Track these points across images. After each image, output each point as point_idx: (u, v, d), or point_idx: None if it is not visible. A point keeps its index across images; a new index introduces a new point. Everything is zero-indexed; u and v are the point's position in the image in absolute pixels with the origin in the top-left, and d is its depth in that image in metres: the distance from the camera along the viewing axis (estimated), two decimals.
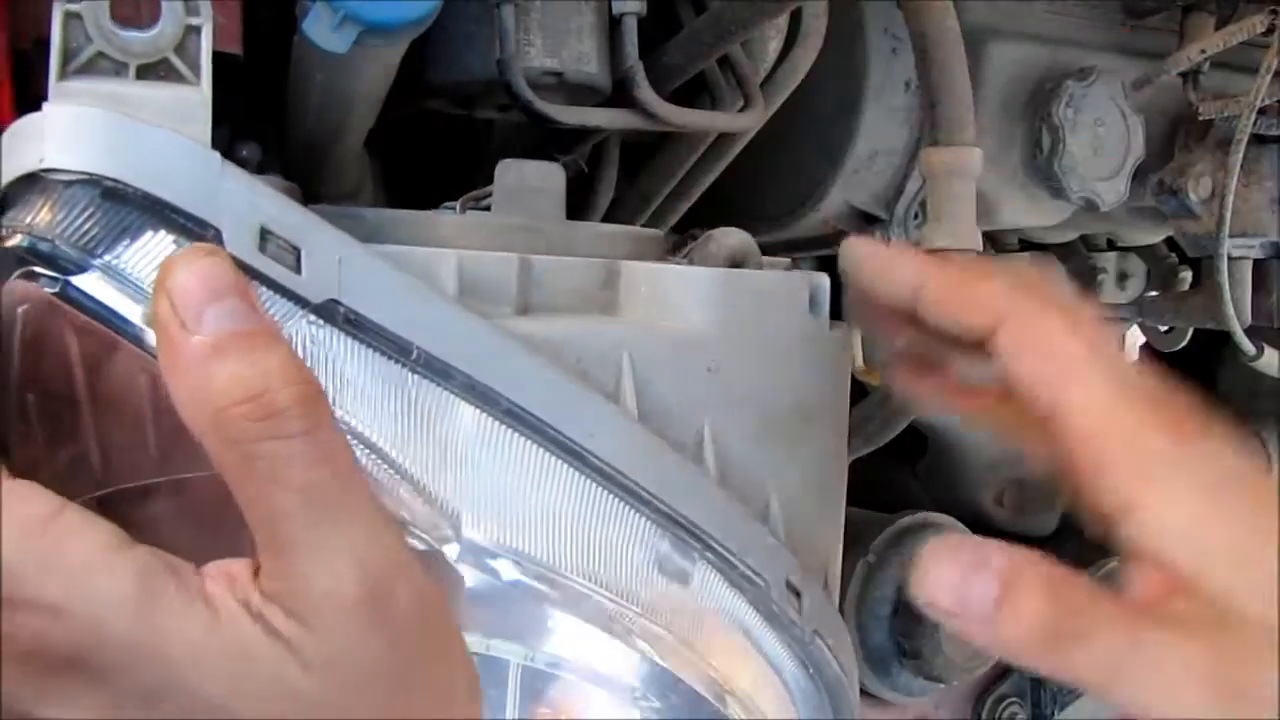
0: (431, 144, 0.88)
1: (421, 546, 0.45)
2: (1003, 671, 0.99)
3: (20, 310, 0.41)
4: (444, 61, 0.68)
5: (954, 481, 1.20)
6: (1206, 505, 0.43)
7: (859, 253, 0.53)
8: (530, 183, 0.57)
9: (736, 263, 0.55)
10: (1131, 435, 0.45)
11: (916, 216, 0.90)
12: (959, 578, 0.42)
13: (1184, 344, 1.21)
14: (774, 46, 0.77)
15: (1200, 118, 0.85)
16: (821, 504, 0.56)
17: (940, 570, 0.43)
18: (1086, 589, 0.43)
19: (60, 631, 0.35)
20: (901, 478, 1.26)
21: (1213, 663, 0.40)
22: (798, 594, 0.52)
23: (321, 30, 0.52)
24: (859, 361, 0.95)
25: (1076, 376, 0.46)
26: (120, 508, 0.43)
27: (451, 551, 0.45)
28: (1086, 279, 1.10)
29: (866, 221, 0.92)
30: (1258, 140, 0.85)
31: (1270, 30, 0.78)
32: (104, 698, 0.36)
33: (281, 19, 0.62)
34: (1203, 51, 0.81)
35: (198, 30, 0.45)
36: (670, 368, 0.49)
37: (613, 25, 0.70)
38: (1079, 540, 1.32)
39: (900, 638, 0.91)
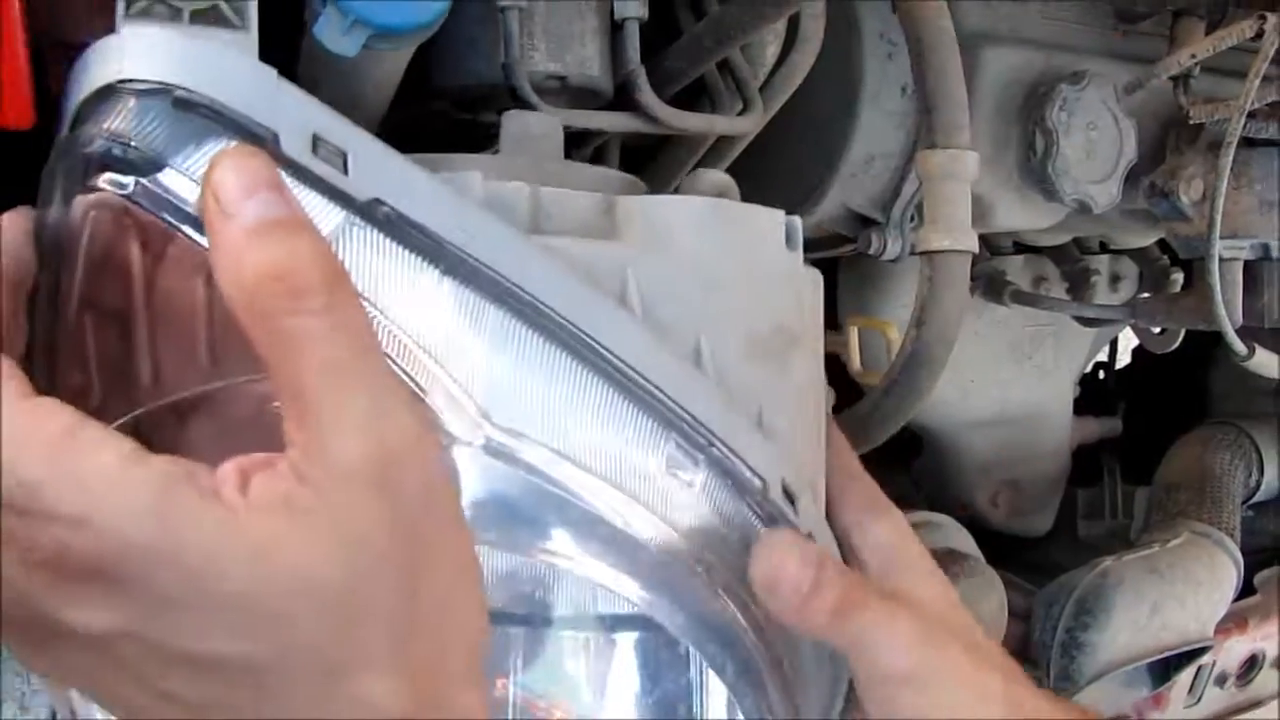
0: (430, 146, 0.89)
1: (453, 439, 0.47)
2: None
3: (91, 215, 0.44)
4: (448, 65, 0.69)
5: (949, 483, 1.21)
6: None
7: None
8: (533, 130, 0.62)
9: (721, 196, 0.59)
10: None
11: (913, 219, 0.92)
12: (795, 569, 0.54)
13: (1176, 345, 1.22)
14: (772, 51, 0.78)
15: (1191, 121, 0.86)
16: (806, 423, 0.59)
17: (785, 565, 0.54)
18: (860, 580, 0.57)
19: (81, 541, 0.37)
20: (895, 479, 1.27)
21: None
22: (792, 499, 0.55)
23: (332, 34, 0.53)
24: (856, 364, 0.96)
25: None
26: (158, 429, 0.46)
27: (478, 441, 0.47)
28: (1080, 281, 1.11)
29: (863, 224, 0.93)
30: (1247, 143, 0.86)
31: (1259, 35, 0.80)
32: (125, 604, 0.37)
33: (287, 23, 0.63)
34: (1193, 56, 0.82)
35: None
36: (668, 285, 0.53)
37: (614, 29, 0.71)
38: (1071, 540, 1.34)
39: None
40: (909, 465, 1.27)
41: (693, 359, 0.53)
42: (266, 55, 0.58)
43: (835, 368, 0.85)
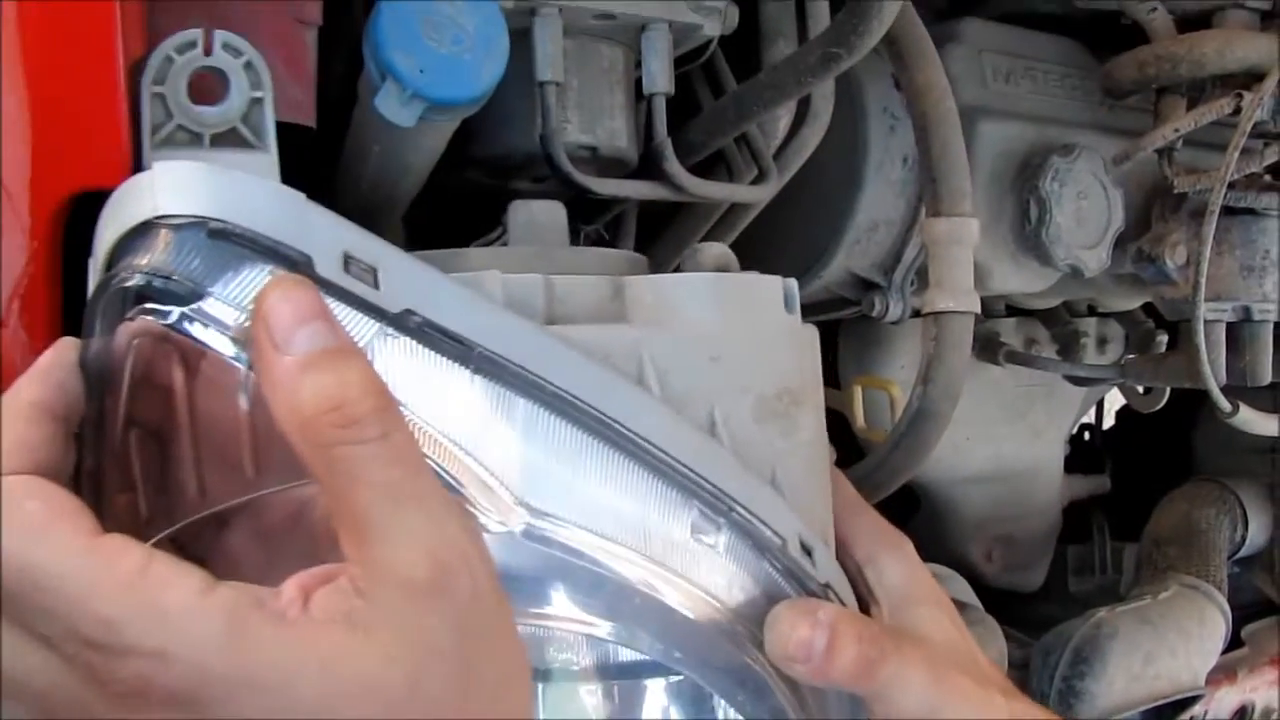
0: (454, 211, 0.93)
1: (491, 528, 0.49)
2: None
3: (134, 343, 0.46)
4: (486, 136, 0.73)
5: (945, 538, 1.24)
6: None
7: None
8: (538, 218, 0.65)
9: (721, 269, 0.62)
10: None
11: (913, 283, 0.96)
12: (803, 634, 0.55)
13: (1162, 405, 1.26)
14: (784, 124, 0.83)
15: (1175, 191, 0.91)
16: (815, 478, 0.62)
17: (797, 630, 0.56)
18: (878, 629, 0.59)
19: (165, 675, 0.38)
20: None
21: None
22: (809, 551, 0.57)
23: (391, 105, 0.57)
24: (860, 421, 1.00)
25: None
26: (198, 537, 0.47)
27: (517, 527, 0.50)
28: (1070, 342, 1.15)
29: (866, 287, 0.98)
30: (1228, 211, 0.91)
31: (1236, 111, 0.85)
32: None
33: (335, 94, 0.67)
34: (1176, 130, 0.87)
35: (261, 101, 0.51)
36: (680, 360, 0.56)
37: (639, 101, 0.76)
38: (1063, 596, 1.37)
39: None
40: (906, 523, 1.30)
41: (708, 428, 0.55)
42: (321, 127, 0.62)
43: (836, 425, 0.88)
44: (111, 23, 0.50)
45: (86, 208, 0.54)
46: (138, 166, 0.51)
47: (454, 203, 0.91)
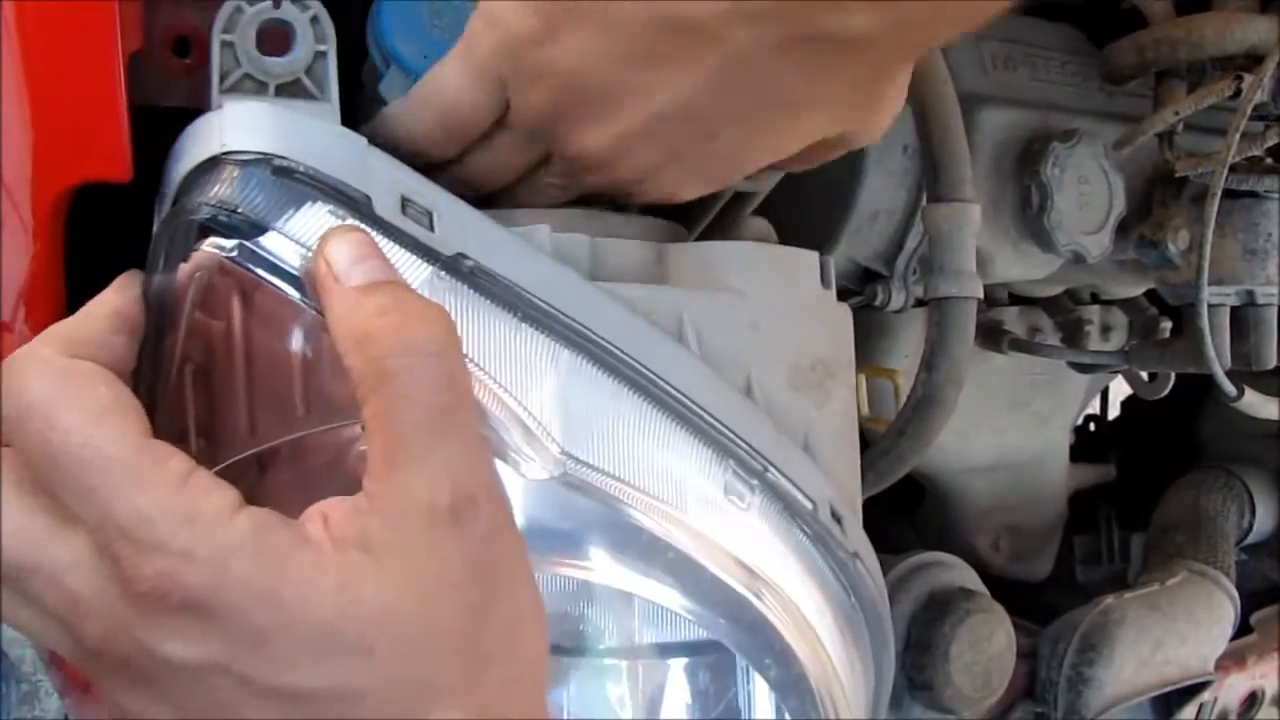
0: None
1: (532, 474, 0.50)
2: (1012, 703, 1.03)
3: (196, 276, 0.47)
4: None
5: (951, 528, 1.24)
6: None
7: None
8: None
9: (763, 239, 0.64)
10: None
11: (915, 272, 0.96)
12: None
13: (1167, 391, 1.26)
14: None
15: (1176, 175, 0.91)
16: (846, 449, 0.63)
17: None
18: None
19: (186, 573, 0.40)
20: (897, 527, 1.30)
21: None
22: (839, 519, 0.58)
23: (395, 92, 0.58)
24: (865, 409, 1.00)
25: None
26: (241, 478, 0.48)
27: (557, 473, 0.51)
28: (1073, 330, 1.15)
29: (868, 277, 0.98)
30: (1229, 195, 0.91)
31: (1236, 94, 0.85)
32: (220, 637, 0.40)
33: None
34: (1176, 114, 0.87)
35: (325, 54, 0.53)
36: (719, 323, 0.57)
37: None
38: (1070, 586, 1.37)
39: (912, 671, 0.95)
40: (911, 514, 1.30)
41: (744, 391, 0.56)
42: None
43: None
44: (111, 15, 0.50)
45: (89, 206, 0.55)
46: (137, 155, 0.52)
47: None
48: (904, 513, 1.31)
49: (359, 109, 0.66)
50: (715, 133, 0.54)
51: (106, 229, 0.56)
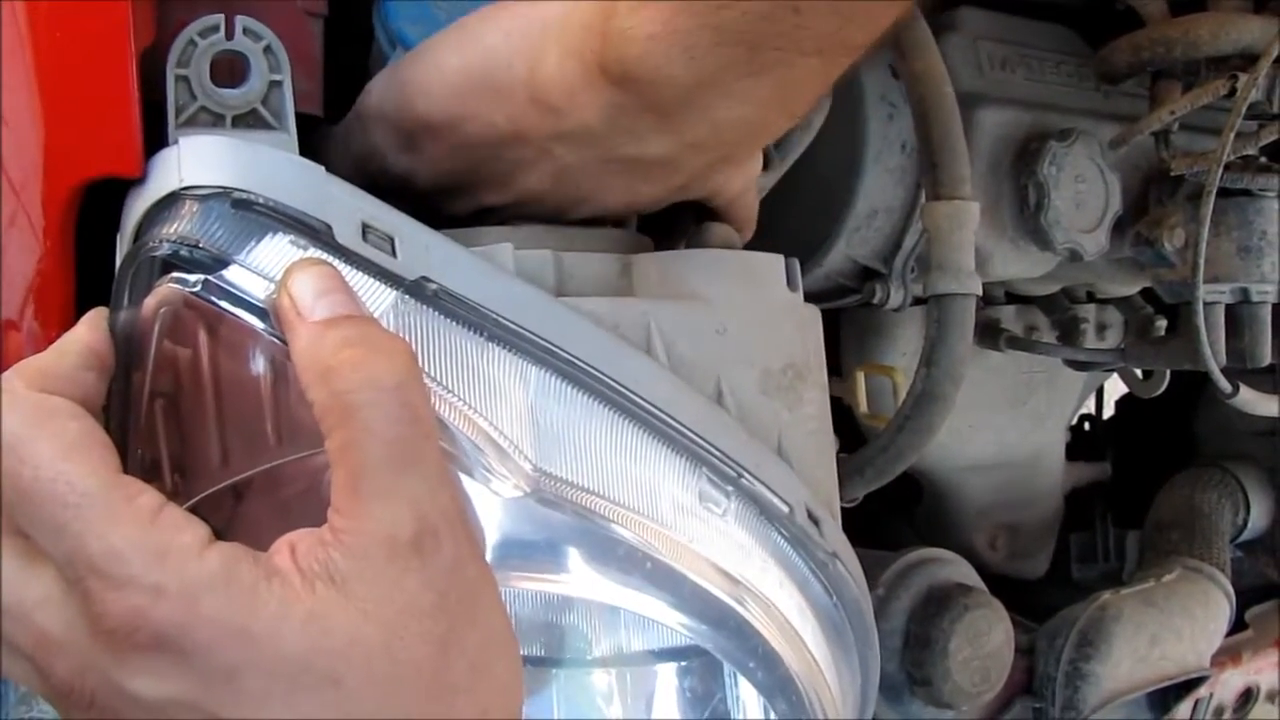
0: None
1: (506, 493, 0.50)
2: (1010, 698, 1.04)
3: (161, 311, 0.47)
4: None
5: (949, 526, 1.25)
6: None
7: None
8: None
9: (725, 247, 0.64)
10: None
11: (913, 270, 0.97)
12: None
13: (1162, 389, 1.27)
14: None
15: (1172, 174, 0.92)
16: (820, 451, 0.63)
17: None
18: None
19: (156, 610, 0.40)
20: (895, 525, 1.31)
21: None
22: (816, 521, 0.58)
23: None
24: (864, 406, 1.01)
25: None
26: (216, 509, 0.48)
27: (530, 490, 0.51)
28: (1069, 329, 1.16)
29: (867, 276, 0.98)
30: (1224, 193, 0.91)
31: (1231, 93, 0.86)
32: (188, 674, 0.40)
33: (342, 77, 0.68)
34: (1172, 113, 0.88)
35: (280, 84, 0.53)
36: (687, 332, 0.57)
37: None
38: (1066, 584, 1.38)
39: (911, 667, 0.96)
40: (909, 512, 1.31)
41: (714, 398, 0.56)
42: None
43: (840, 415, 0.89)
44: (123, 11, 0.51)
45: (98, 201, 0.55)
46: (149, 150, 0.52)
47: None
48: (902, 510, 1.32)
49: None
50: (582, 199, 0.61)
51: (116, 227, 0.56)
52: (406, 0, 0.57)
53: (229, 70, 0.53)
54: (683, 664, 0.63)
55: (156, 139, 0.52)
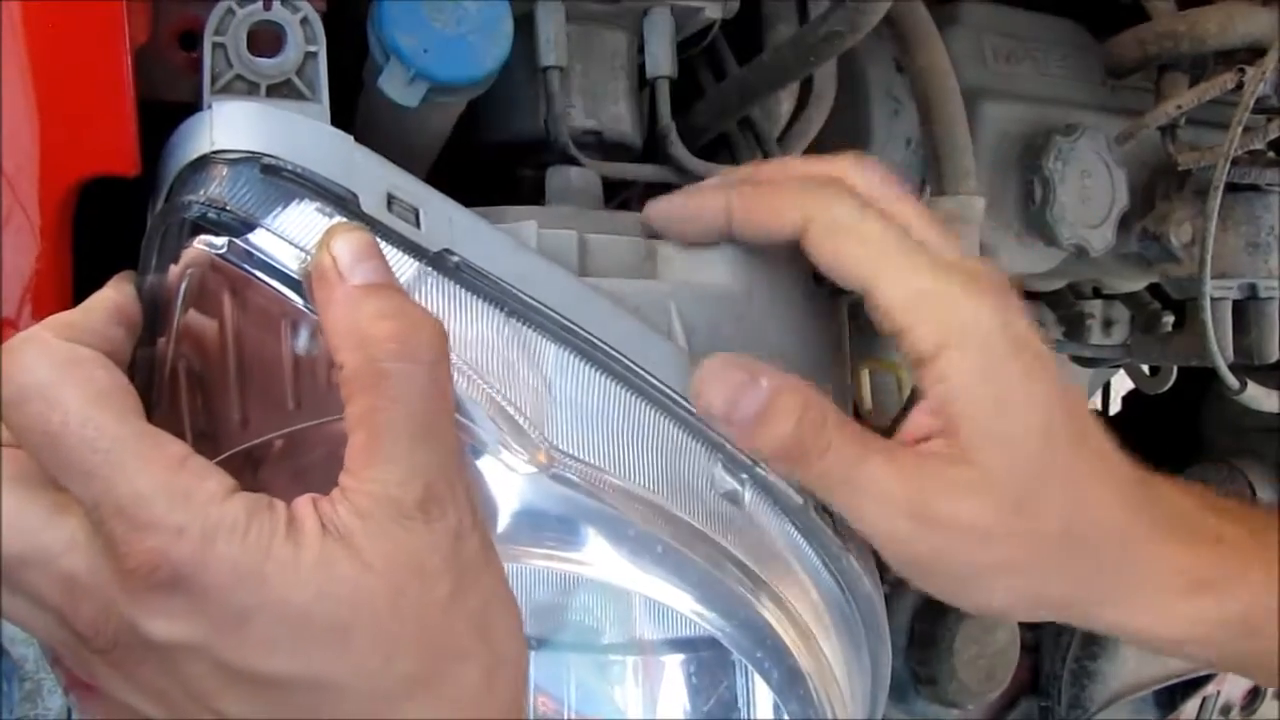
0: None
1: (520, 469, 0.51)
2: (1016, 697, 1.03)
3: (187, 273, 0.48)
4: (493, 121, 0.73)
5: None
6: (987, 366, 0.52)
7: (664, 208, 0.60)
8: (575, 183, 0.68)
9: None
10: (936, 301, 0.53)
11: None
12: (733, 391, 0.53)
13: (1169, 385, 1.26)
14: (786, 108, 0.83)
15: (1179, 169, 0.91)
16: None
17: (719, 383, 0.53)
18: (834, 417, 0.54)
19: (175, 549, 0.41)
20: None
21: (912, 494, 0.53)
22: (830, 514, 0.58)
23: (395, 86, 0.58)
24: (868, 404, 1.00)
25: (886, 256, 0.53)
26: (235, 474, 0.49)
27: (542, 467, 0.51)
28: (1076, 324, 1.15)
29: None
30: (1231, 188, 0.91)
31: (1238, 87, 0.85)
32: (202, 616, 0.41)
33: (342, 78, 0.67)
34: (1178, 107, 0.87)
35: (315, 55, 0.54)
36: (707, 318, 0.57)
37: (642, 88, 0.76)
38: None
39: (916, 665, 0.95)
40: None
41: None
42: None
43: None
44: (118, 9, 0.50)
45: (95, 200, 0.55)
46: (145, 150, 0.52)
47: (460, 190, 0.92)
48: None
49: (360, 107, 0.66)
50: None
51: (114, 225, 0.56)
52: (401, 8, 0.56)
53: (267, 41, 0.54)
54: (692, 654, 0.63)
55: (154, 137, 0.52)
